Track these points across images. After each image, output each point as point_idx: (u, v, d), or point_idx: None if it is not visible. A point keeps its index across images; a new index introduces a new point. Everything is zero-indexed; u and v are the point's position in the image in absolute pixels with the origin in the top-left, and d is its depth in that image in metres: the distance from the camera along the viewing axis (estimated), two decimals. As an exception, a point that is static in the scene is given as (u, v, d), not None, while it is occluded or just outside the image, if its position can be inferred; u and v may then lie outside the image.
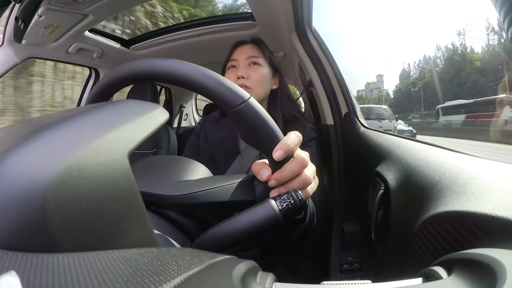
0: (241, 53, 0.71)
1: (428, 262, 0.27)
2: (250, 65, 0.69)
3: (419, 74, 17.39)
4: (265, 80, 0.69)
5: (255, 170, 0.29)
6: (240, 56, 0.70)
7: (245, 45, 0.72)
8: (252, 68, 0.69)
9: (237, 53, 0.71)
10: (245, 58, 0.70)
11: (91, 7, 0.87)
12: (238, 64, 0.70)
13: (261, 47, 0.72)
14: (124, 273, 0.10)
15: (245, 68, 0.68)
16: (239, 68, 0.69)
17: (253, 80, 0.67)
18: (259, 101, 0.70)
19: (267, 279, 0.17)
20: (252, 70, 0.68)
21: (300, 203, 0.25)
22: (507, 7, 0.22)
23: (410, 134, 9.24)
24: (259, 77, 0.68)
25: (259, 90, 0.68)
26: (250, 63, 0.69)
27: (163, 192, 0.27)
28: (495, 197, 0.24)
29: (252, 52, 0.70)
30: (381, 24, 70.25)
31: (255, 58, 0.70)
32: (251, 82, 0.67)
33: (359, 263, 0.62)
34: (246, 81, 0.66)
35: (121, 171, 0.13)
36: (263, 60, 0.71)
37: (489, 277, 0.15)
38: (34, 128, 0.13)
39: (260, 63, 0.70)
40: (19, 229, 0.10)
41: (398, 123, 9.20)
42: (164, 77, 0.26)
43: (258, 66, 0.69)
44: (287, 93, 0.76)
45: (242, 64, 0.69)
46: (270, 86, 0.72)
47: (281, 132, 0.28)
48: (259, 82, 0.68)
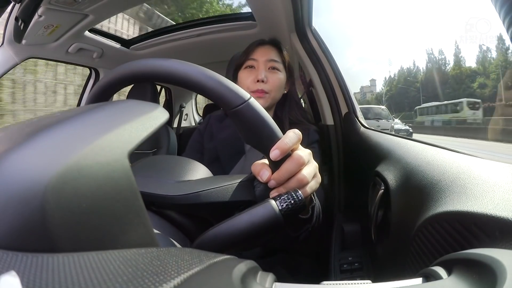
0: (262, 54, 0.68)
1: (428, 262, 0.27)
2: (270, 70, 0.68)
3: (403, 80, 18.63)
4: (282, 86, 0.69)
5: (255, 171, 0.29)
6: (261, 56, 0.68)
7: (266, 46, 0.70)
8: (272, 72, 0.68)
9: (257, 53, 0.69)
10: (265, 60, 0.68)
11: (91, 7, 0.87)
12: (257, 65, 0.68)
13: (280, 51, 0.71)
14: (124, 273, 0.10)
15: (264, 71, 0.67)
16: (258, 70, 0.67)
17: (271, 85, 0.66)
18: (271, 105, 0.69)
19: (267, 279, 0.17)
20: (271, 75, 0.67)
21: (300, 202, 0.25)
22: (507, 7, 0.22)
23: (407, 133, 9.63)
24: (277, 83, 0.67)
25: (275, 94, 0.67)
26: (270, 67, 0.68)
27: (163, 192, 0.27)
28: (495, 197, 0.24)
29: (273, 55, 0.69)
30: (381, 24, 70.33)
31: (275, 63, 0.68)
32: (269, 87, 0.66)
33: (359, 263, 0.62)
34: (265, 86, 0.66)
35: (121, 171, 0.13)
36: (281, 65, 0.69)
37: (489, 277, 0.15)
38: (34, 128, 0.13)
39: (279, 68, 0.69)
40: (19, 229, 0.10)
41: (396, 122, 9.53)
42: (164, 77, 0.26)
43: (277, 71, 0.68)
44: (296, 98, 0.76)
45: (262, 67, 0.67)
46: (283, 91, 0.71)
47: (281, 132, 0.28)
48: (277, 87, 0.67)
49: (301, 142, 0.30)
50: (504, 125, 11.09)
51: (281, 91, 0.70)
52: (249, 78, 0.67)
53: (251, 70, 0.68)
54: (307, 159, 0.29)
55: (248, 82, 0.67)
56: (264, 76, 0.66)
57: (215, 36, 1.15)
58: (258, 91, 0.65)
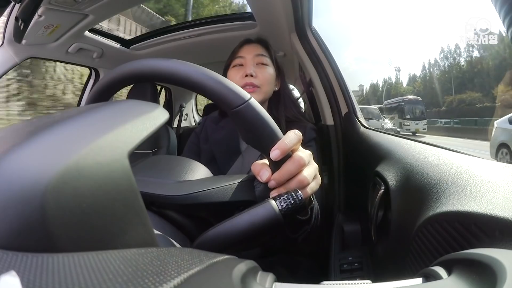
0: (249, 51, 0.70)
1: (428, 262, 0.27)
2: (258, 65, 0.69)
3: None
4: (271, 80, 0.70)
5: (255, 171, 0.29)
6: (248, 53, 0.69)
7: (253, 44, 0.72)
8: (260, 67, 0.68)
9: (244, 50, 0.70)
10: (253, 56, 0.69)
11: (91, 7, 0.87)
12: (245, 62, 0.69)
13: (267, 48, 0.72)
14: (124, 273, 0.10)
15: (253, 67, 0.68)
16: (246, 66, 0.68)
17: (260, 79, 0.67)
18: (262, 101, 0.69)
19: (267, 279, 0.17)
20: (259, 69, 0.68)
21: (300, 203, 0.25)
22: (507, 7, 0.22)
23: (394, 132, 9.90)
24: (267, 77, 0.68)
25: (266, 89, 0.68)
26: (258, 62, 0.69)
27: (163, 192, 0.27)
28: (495, 197, 0.24)
29: (260, 51, 0.70)
30: (380, 24, 69.95)
31: (263, 57, 0.69)
32: (259, 81, 0.66)
33: (359, 263, 0.62)
34: (254, 80, 0.66)
35: (121, 171, 0.13)
36: (269, 60, 0.70)
37: (489, 277, 0.15)
38: (34, 128, 0.13)
39: (267, 63, 0.70)
40: (19, 229, 0.10)
41: (386, 122, 9.75)
42: (164, 77, 0.26)
43: (265, 66, 0.69)
44: (289, 94, 0.76)
45: (250, 63, 0.68)
46: (274, 87, 0.72)
47: (281, 133, 0.28)
48: (267, 81, 0.68)
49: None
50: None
51: (272, 86, 0.70)
52: (237, 75, 0.67)
53: (239, 68, 0.69)
54: (307, 160, 0.29)
55: (237, 79, 0.67)
56: (253, 70, 0.66)
57: (215, 36, 1.15)
58: (248, 84, 0.65)
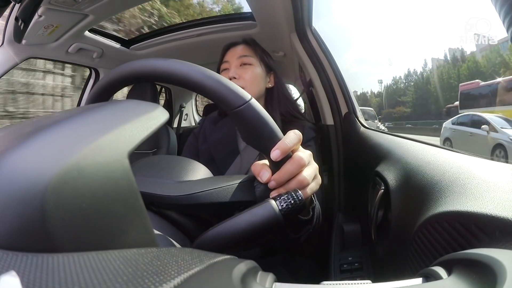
0: (232, 54, 0.71)
1: (428, 262, 0.27)
2: (242, 66, 0.69)
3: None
4: (258, 79, 0.70)
5: (255, 171, 0.29)
6: (231, 57, 0.70)
7: (237, 46, 0.72)
8: (244, 68, 0.69)
9: (228, 54, 0.72)
10: (236, 58, 0.70)
11: (91, 7, 0.87)
12: (229, 66, 0.70)
13: (252, 47, 0.72)
14: (124, 273, 0.10)
15: (236, 69, 0.69)
16: (230, 69, 0.69)
17: (245, 80, 0.67)
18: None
19: (267, 279, 0.17)
20: (243, 70, 0.69)
21: (300, 203, 0.25)
22: (507, 7, 0.22)
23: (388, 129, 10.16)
24: (251, 76, 0.68)
25: (251, 89, 0.67)
26: (241, 63, 0.69)
27: (164, 192, 0.27)
28: (495, 197, 0.24)
29: (243, 52, 0.71)
30: (380, 25, 70.01)
31: (246, 58, 0.70)
32: (243, 82, 0.67)
33: (359, 263, 0.62)
34: (238, 81, 0.66)
35: (121, 171, 0.13)
36: (254, 59, 0.71)
37: (489, 277, 0.15)
38: (34, 128, 0.13)
39: (251, 62, 0.70)
40: (19, 229, 0.10)
41: (380, 123, 10.05)
42: (164, 77, 0.26)
43: (249, 66, 0.69)
44: (284, 91, 0.76)
45: (233, 65, 0.69)
46: (265, 85, 0.72)
47: (281, 133, 0.28)
48: (252, 81, 0.68)
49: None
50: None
51: (261, 85, 0.70)
52: None
53: (226, 72, 0.70)
54: (307, 160, 0.29)
55: None
56: (236, 73, 0.67)
57: (215, 36, 1.15)
58: None
